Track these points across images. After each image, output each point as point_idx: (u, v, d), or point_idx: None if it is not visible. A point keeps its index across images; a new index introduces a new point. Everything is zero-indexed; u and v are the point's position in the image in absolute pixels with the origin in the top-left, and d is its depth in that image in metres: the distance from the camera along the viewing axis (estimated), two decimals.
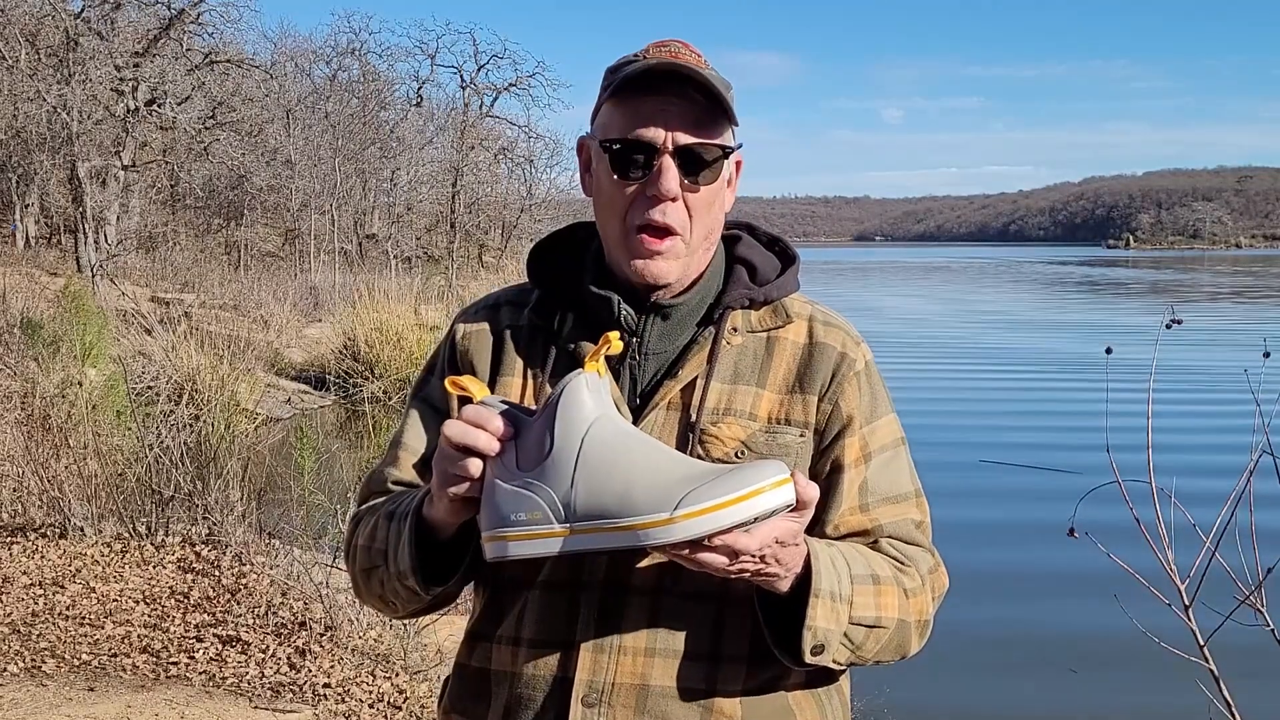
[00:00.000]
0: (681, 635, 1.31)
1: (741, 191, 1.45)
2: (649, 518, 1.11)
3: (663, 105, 1.31)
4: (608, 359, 1.38)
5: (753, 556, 1.16)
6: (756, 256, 1.44)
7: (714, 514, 1.10)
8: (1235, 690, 2.48)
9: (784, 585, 1.24)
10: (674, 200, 1.32)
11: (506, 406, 1.21)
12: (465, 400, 1.24)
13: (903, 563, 1.36)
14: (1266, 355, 2.72)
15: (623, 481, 1.13)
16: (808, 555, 1.24)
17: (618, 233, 1.35)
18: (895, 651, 1.35)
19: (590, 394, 1.17)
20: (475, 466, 1.19)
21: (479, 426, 1.19)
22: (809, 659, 1.26)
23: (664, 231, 1.33)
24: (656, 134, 1.30)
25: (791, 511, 1.16)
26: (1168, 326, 2.84)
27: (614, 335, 1.21)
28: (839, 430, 1.38)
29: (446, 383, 1.23)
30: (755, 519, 1.12)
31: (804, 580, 1.24)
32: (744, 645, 1.32)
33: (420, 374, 1.52)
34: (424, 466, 1.43)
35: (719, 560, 1.15)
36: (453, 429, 1.19)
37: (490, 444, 1.18)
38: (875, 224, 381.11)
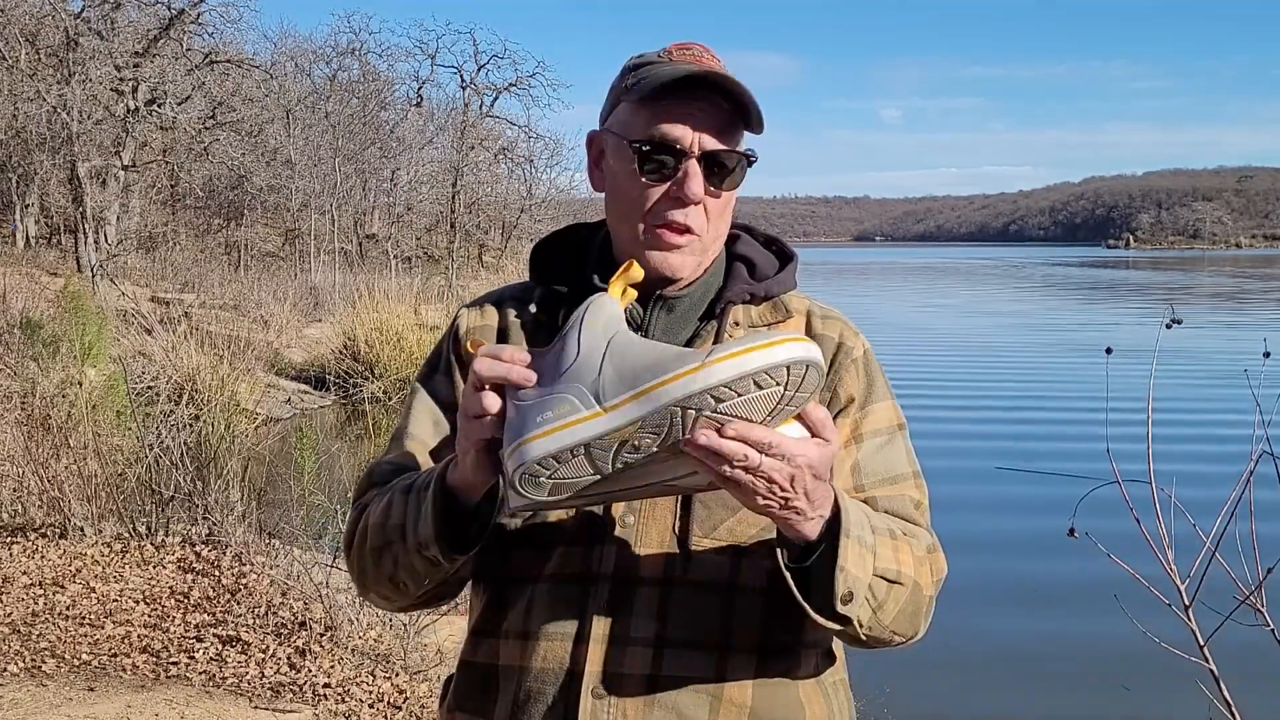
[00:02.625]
0: (691, 626, 1.31)
1: (741, 191, 1.46)
2: (681, 369, 1.08)
3: (691, 110, 1.32)
4: None
5: (782, 482, 1.12)
6: (756, 254, 1.46)
7: (744, 356, 1.07)
8: (1235, 691, 2.48)
9: (810, 528, 1.20)
10: (698, 204, 1.34)
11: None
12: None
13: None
14: (1266, 355, 2.72)
15: (653, 356, 1.12)
16: (835, 502, 1.22)
17: (635, 230, 1.36)
18: (909, 620, 1.32)
19: (614, 306, 1.17)
20: (494, 401, 1.16)
21: (498, 357, 1.17)
22: (840, 608, 1.22)
23: (684, 230, 1.35)
24: (684, 137, 1.32)
25: (815, 437, 1.14)
26: (1168, 326, 2.83)
27: (634, 263, 1.20)
28: (835, 414, 1.39)
29: (465, 346, 1.21)
30: (785, 365, 1.08)
31: (829, 528, 1.22)
32: (754, 636, 1.32)
33: (423, 369, 1.51)
34: (429, 458, 1.43)
35: (743, 452, 1.09)
36: (482, 365, 1.17)
37: (524, 375, 1.15)
38: (875, 224, 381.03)
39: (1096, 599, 3.89)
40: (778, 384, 1.09)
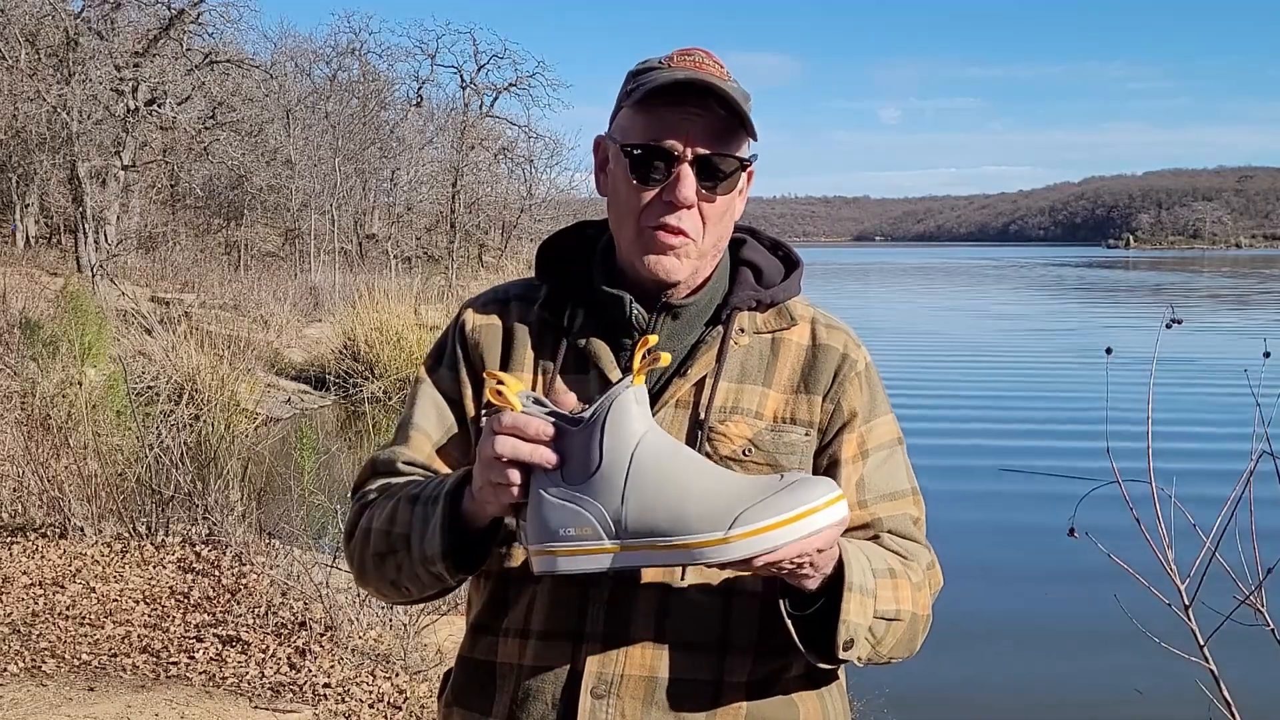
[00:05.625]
0: (690, 626, 1.33)
1: None
2: (703, 537, 1.12)
3: (684, 116, 1.33)
4: (620, 360, 1.39)
5: (793, 563, 1.18)
6: (761, 260, 1.47)
7: (769, 533, 1.11)
8: (1235, 690, 2.48)
9: (812, 584, 1.25)
10: (690, 208, 1.35)
11: (550, 415, 1.19)
12: (497, 408, 1.21)
13: (905, 557, 1.39)
14: (1266, 355, 2.72)
15: (675, 498, 1.13)
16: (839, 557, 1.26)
17: (632, 232, 1.38)
18: (906, 646, 1.37)
19: (638, 407, 1.17)
20: (516, 476, 1.19)
21: (521, 435, 1.18)
22: (841, 655, 1.27)
23: (677, 232, 1.36)
24: (676, 143, 1.33)
25: None
26: (1168, 326, 2.84)
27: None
28: (839, 427, 1.41)
29: (488, 392, 1.21)
30: (809, 536, 1.13)
31: (830, 578, 1.26)
32: (752, 636, 1.34)
33: (429, 359, 1.52)
34: (433, 449, 1.44)
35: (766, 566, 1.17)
36: (504, 446, 1.18)
37: (547, 458, 1.17)
38: (875, 224, 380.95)
39: (1098, 599, 3.89)
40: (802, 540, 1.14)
